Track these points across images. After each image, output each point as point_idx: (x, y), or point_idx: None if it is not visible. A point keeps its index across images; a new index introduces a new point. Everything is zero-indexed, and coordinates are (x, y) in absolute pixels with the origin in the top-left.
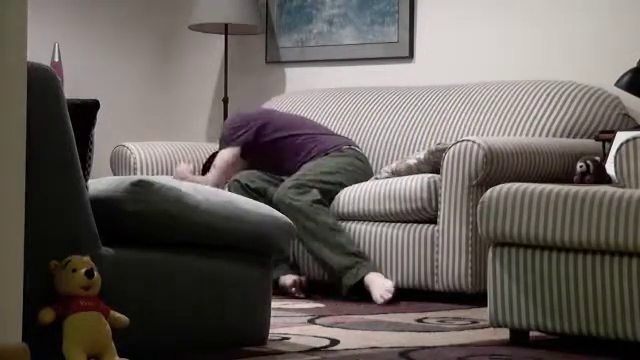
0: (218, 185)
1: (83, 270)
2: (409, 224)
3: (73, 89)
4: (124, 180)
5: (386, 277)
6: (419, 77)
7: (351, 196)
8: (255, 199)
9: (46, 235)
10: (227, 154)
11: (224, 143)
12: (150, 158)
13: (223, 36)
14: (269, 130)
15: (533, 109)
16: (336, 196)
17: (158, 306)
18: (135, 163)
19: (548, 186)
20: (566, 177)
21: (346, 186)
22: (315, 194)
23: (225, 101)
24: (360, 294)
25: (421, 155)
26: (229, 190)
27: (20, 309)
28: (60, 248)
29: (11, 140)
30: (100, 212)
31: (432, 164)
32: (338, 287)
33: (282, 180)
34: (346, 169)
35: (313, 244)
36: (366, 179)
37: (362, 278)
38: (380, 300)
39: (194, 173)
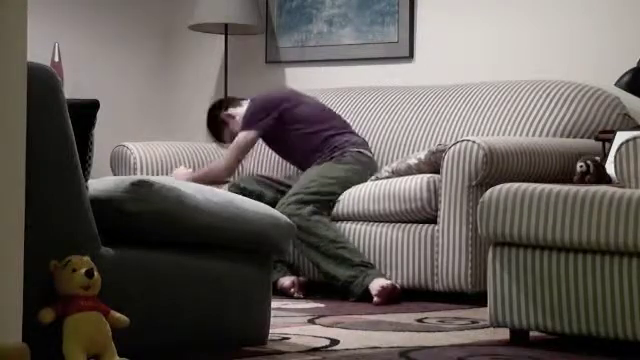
0: (231, 169)
1: (83, 270)
2: (409, 224)
3: (73, 89)
4: (124, 180)
5: (387, 277)
6: (419, 77)
7: (351, 196)
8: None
9: (46, 235)
10: (245, 137)
11: (244, 124)
12: (150, 158)
13: (223, 36)
14: (291, 118)
15: (533, 109)
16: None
17: (158, 306)
18: (135, 163)
19: (548, 186)
20: (566, 177)
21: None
22: (312, 208)
23: None
24: (368, 301)
25: (421, 155)
26: None
27: (20, 309)
28: (60, 248)
29: (11, 140)
30: (100, 212)
31: (432, 164)
32: (346, 296)
33: (280, 184)
34: (346, 177)
35: (317, 258)
36: (364, 181)
37: (368, 286)
38: (376, 300)
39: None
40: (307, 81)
